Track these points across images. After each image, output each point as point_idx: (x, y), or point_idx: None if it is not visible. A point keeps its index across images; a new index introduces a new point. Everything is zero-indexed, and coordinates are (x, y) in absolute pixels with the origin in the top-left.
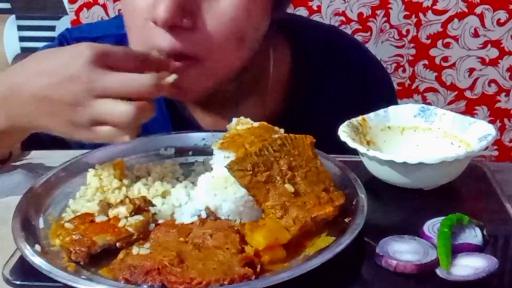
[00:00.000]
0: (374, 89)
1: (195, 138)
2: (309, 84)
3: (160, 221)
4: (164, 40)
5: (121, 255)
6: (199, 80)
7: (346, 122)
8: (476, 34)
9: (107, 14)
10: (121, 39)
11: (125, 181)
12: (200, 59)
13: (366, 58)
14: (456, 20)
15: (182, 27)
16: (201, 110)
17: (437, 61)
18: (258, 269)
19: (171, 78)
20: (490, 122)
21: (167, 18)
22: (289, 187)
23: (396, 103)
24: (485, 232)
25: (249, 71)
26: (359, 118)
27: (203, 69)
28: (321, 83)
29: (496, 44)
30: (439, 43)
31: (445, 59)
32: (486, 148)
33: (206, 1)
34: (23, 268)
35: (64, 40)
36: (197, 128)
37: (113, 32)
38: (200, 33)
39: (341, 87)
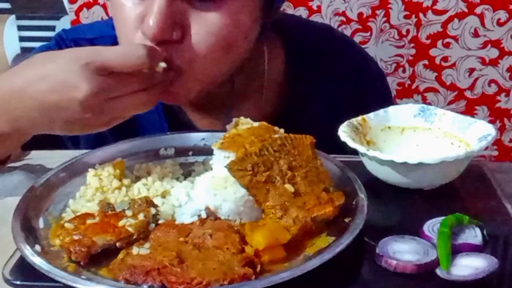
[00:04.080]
0: (368, 86)
1: (195, 138)
2: (304, 84)
3: (160, 221)
4: None
5: (121, 255)
6: (185, 88)
7: (346, 122)
8: (476, 34)
9: (107, 14)
10: (117, 40)
11: (125, 181)
12: (183, 70)
13: (359, 56)
14: (456, 20)
15: (171, 41)
16: (198, 113)
17: (437, 61)
18: (258, 269)
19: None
20: (490, 122)
21: (155, 33)
22: (289, 187)
23: (390, 101)
24: (485, 232)
25: (242, 73)
26: (359, 118)
27: (187, 78)
28: (316, 82)
29: (496, 44)
30: (439, 43)
31: (445, 59)
32: (486, 148)
33: (195, 12)
34: (23, 268)
35: (61, 40)
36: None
37: (109, 33)
38: (186, 44)
39: (336, 86)
